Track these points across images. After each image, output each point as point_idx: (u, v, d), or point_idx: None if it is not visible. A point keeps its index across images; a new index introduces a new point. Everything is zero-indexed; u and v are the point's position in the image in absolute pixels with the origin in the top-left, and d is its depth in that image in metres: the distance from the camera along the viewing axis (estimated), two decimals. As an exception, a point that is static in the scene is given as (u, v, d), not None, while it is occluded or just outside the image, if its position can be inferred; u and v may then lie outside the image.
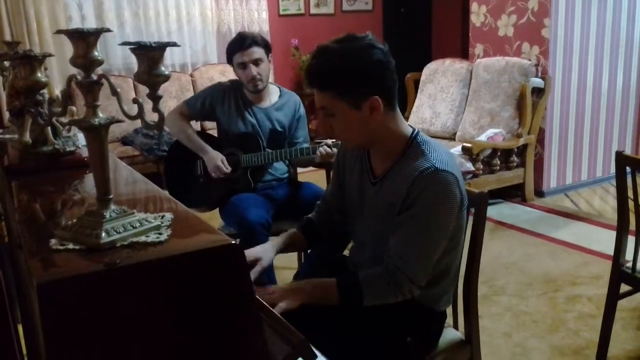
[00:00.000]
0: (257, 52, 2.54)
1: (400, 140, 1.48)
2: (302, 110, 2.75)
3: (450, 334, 1.68)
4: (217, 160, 2.57)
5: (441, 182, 1.38)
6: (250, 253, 1.60)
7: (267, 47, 2.58)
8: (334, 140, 2.36)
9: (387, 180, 1.50)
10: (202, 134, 2.87)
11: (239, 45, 2.54)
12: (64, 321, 0.73)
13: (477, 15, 4.69)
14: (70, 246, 0.84)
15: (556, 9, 4.16)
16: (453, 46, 7.04)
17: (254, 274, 1.55)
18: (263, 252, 1.63)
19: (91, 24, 5.23)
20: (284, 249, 1.71)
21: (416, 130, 1.51)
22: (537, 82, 4.15)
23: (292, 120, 2.71)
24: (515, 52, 4.42)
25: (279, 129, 2.66)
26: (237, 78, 2.67)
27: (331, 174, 1.78)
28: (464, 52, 6.14)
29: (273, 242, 1.71)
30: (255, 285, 1.09)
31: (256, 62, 2.53)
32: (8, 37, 4.71)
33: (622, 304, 2.24)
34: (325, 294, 1.46)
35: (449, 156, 1.47)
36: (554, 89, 4.28)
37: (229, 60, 2.61)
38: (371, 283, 1.44)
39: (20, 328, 1.51)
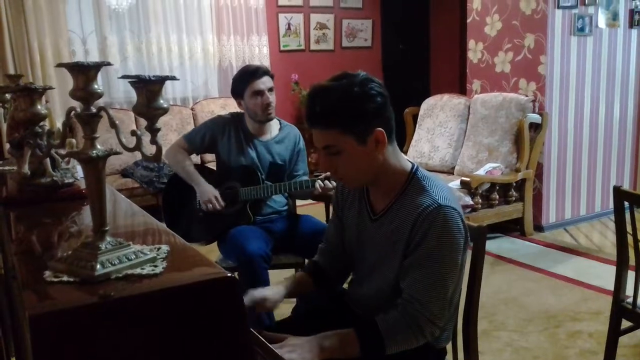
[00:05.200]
0: (270, 81, 2.61)
1: (400, 176, 1.48)
2: (302, 143, 2.76)
3: (450, 370, 1.66)
4: (209, 194, 2.57)
5: (446, 218, 1.37)
6: (260, 292, 1.56)
7: (272, 78, 2.64)
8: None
9: (388, 217, 1.49)
10: (202, 167, 2.87)
11: (254, 74, 2.58)
12: (56, 354, 0.72)
13: (474, 52, 4.76)
14: (65, 278, 0.84)
15: (552, 46, 4.22)
16: (451, 82, 7.12)
17: (247, 303, 1.51)
18: (272, 294, 1.58)
19: (94, 58, 5.28)
20: (293, 293, 1.66)
21: (415, 165, 1.51)
22: (535, 117, 4.19)
23: (293, 154, 2.72)
24: (513, 88, 4.47)
25: (279, 162, 2.67)
26: (237, 111, 2.70)
27: (330, 212, 1.75)
28: (461, 88, 6.21)
29: (286, 284, 1.64)
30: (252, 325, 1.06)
31: (270, 90, 2.59)
32: (12, 70, 4.77)
33: (623, 340, 2.21)
34: (345, 347, 1.39)
35: (449, 191, 1.47)
36: (551, 124, 4.31)
37: (241, 91, 2.59)
38: (392, 329, 1.40)
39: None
